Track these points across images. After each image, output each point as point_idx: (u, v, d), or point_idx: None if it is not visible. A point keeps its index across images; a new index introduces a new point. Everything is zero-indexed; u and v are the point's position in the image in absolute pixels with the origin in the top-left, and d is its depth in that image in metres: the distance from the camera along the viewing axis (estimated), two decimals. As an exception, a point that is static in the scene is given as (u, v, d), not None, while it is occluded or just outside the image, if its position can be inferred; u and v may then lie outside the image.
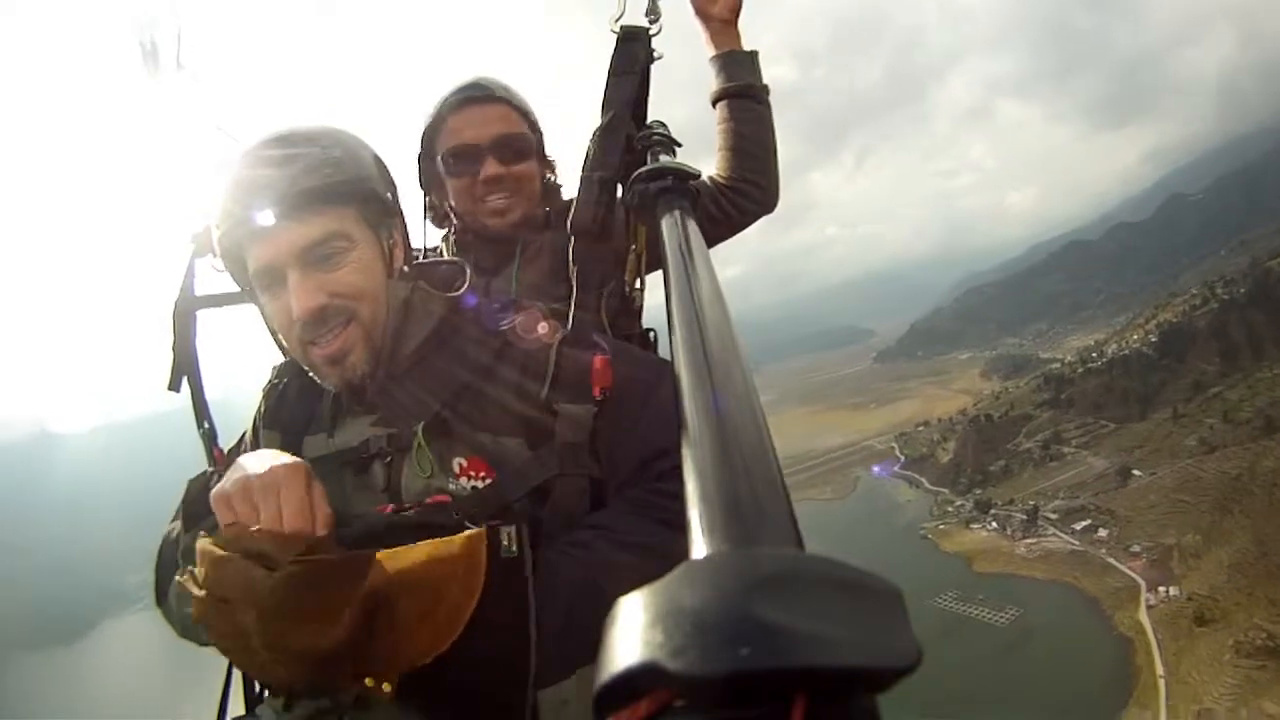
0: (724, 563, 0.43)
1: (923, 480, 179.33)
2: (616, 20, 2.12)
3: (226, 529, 1.38)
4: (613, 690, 0.37)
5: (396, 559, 1.33)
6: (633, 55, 2.08)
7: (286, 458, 1.47)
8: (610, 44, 2.18)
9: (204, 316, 2.06)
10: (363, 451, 1.66)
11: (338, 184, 1.61)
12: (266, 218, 1.57)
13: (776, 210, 2.66)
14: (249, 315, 2.06)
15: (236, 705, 1.68)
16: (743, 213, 2.55)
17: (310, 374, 1.76)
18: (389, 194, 1.75)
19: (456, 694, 1.32)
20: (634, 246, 2.05)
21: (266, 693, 1.61)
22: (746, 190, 2.52)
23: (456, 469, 1.60)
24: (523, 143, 2.38)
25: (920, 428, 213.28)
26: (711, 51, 2.56)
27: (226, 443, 1.97)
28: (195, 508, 1.59)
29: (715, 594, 0.38)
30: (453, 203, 2.46)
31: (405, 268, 1.77)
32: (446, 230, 2.56)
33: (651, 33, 2.14)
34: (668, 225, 1.29)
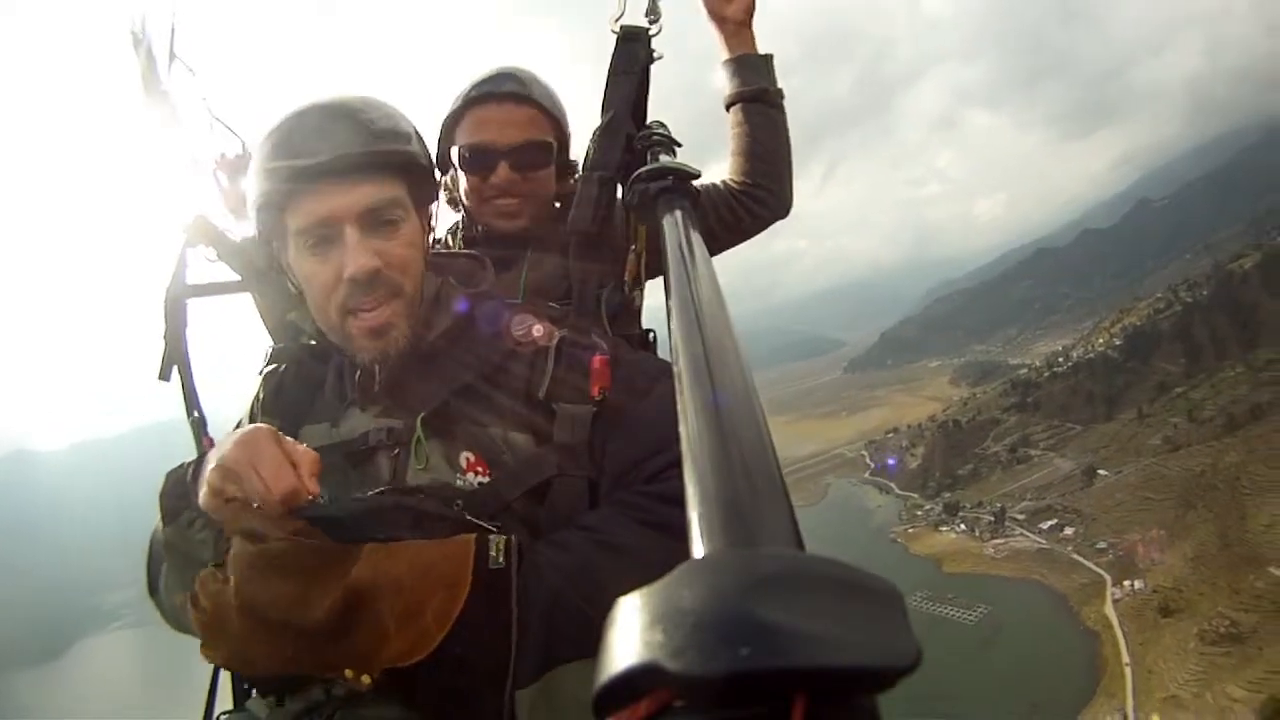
0: (724, 562, 0.44)
1: (892, 486, 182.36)
2: (616, 20, 2.12)
3: (226, 507, 1.37)
4: (613, 690, 0.37)
5: (384, 556, 1.33)
6: (633, 55, 2.08)
7: (248, 427, 1.45)
8: (610, 43, 2.20)
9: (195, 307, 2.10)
10: (366, 443, 1.66)
11: (401, 154, 1.63)
12: (333, 167, 1.54)
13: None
14: (240, 305, 2.16)
15: (225, 704, 1.71)
16: (755, 218, 2.55)
17: (314, 358, 1.83)
18: (432, 175, 1.79)
19: (434, 692, 1.32)
20: (634, 246, 2.05)
21: (255, 691, 1.64)
22: (760, 196, 2.52)
23: (464, 464, 1.60)
24: (542, 151, 2.36)
25: (890, 435, 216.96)
26: (725, 55, 2.56)
27: (217, 432, 1.98)
28: (172, 501, 1.57)
29: (715, 594, 0.38)
30: (462, 196, 2.47)
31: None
32: (454, 224, 2.60)
33: (651, 33, 2.15)
34: (668, 225, 1.28)
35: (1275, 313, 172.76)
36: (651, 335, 2.41)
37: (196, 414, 1.97)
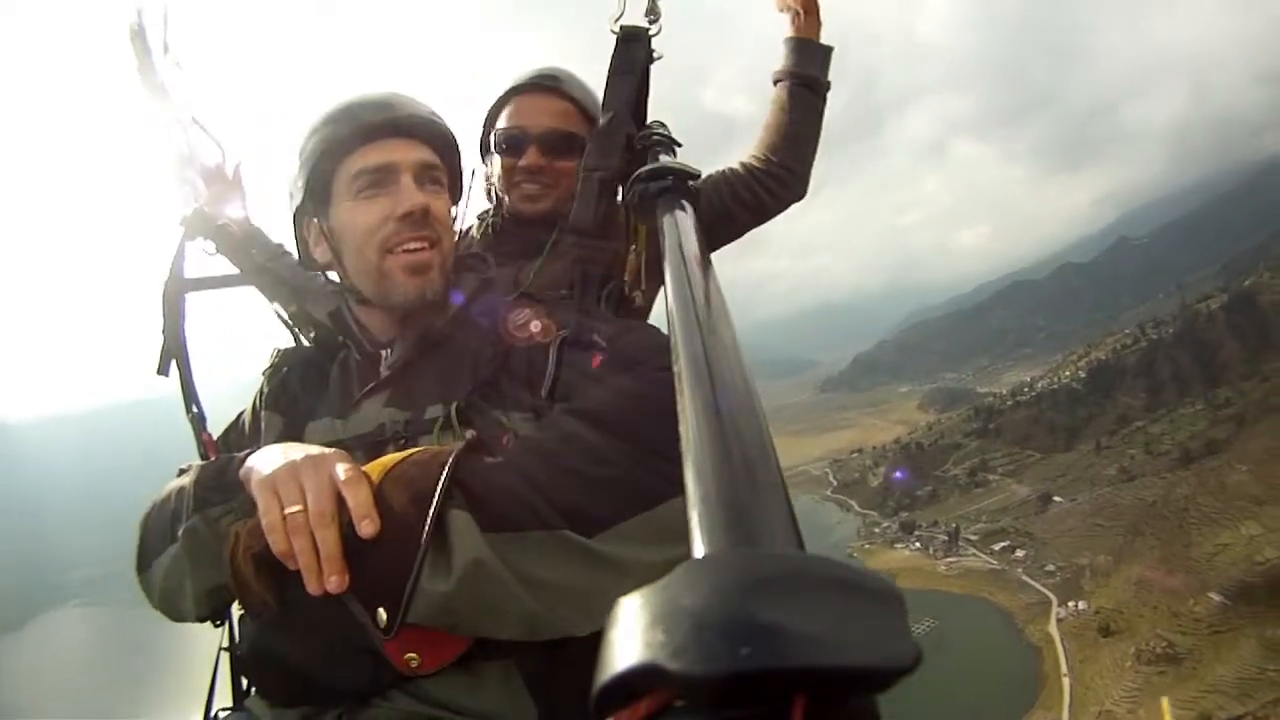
0: (724, 563, 0.44)
1: (853, 504, 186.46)
2: (616, 20, 2.13)
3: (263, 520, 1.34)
4: (613, 690, 0.38)
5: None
6: (632, 56, 2.10)
7: (328, 451, 1.44)
8: (599, 44, 2.19)
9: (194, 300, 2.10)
10: (378, 435, 1.66)
11: (450, 134, 1.82)
12: (400, 124, 1.71)
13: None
14: (244, 300, 2.21)
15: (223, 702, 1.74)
16: (776, 199, 2.61)
17: (319, 357, 1.94)
18: (460, 172, 1.93)
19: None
20: (634, 246, 2.05)
21: (254, 689, 1.70)
22: (783, 177, 2.58)
23: None
24: (570, 139, 2.47)
25: (854, 454, 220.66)
26: (790, 33, 2.62)
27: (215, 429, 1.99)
28: (205, 491, 1.53)
29: (715, 594, 0.39)
30: (495, 181, 2.60)
31: None
32: (484, 211, 2.70)
33: (651, 33, 2.15)
34: (668, 225, 1.30)
35: (1237, 353, 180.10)
36: None
37: (195, 409, 1.99)
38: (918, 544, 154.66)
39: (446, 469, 1.31)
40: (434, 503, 1.27)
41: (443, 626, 1.32)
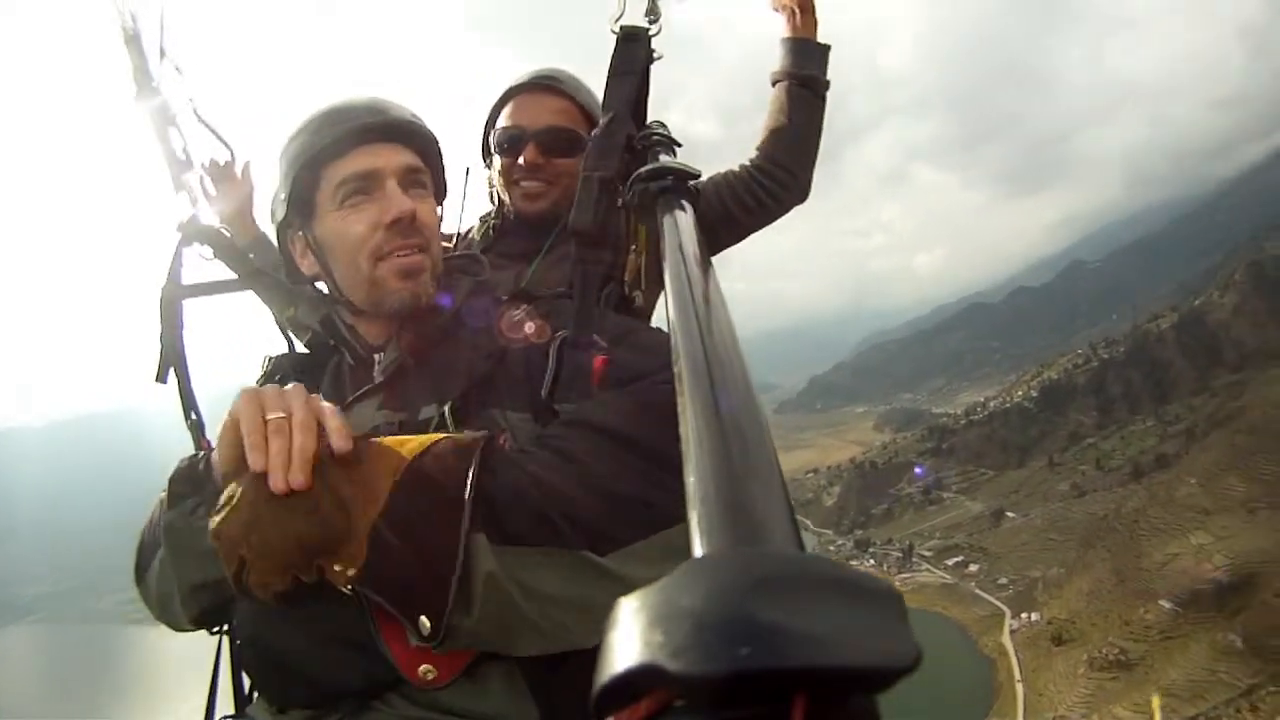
0: (724, 563, 0.44)
1: (808, 523, 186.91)
2: (616, 20, 2.11)
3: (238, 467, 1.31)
4: (613, 691, 0.38)
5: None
6: (633, 56, 2.09)
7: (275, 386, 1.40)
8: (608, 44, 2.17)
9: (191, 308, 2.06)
10: (378, 435, 1.59)
11: (433, 138, 1.81)
12: (382, 128, 1.70)
13: None
14: (241, 305, 2.21)
15: (226, 708, 1.72)
16: (778, 201, 2.60)
17: (312, 364, 1.93)
18: (444, 177, 1.93)
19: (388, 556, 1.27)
20: (634, 247, 2.09)
21: (256, 695, 1.69)
22: (783, 179, 2.58)
23: None
24: (569, 137, 2.50)
25: (809, 474, 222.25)
26: (787, 33, 2.63)
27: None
28: (180, 485, 1.52)
29: (715, 594, 0.39)
30: (496, 182, 2.62)
31: None
32: (486, 212, 2.73)
33: (651, 33, 2.14)
34: (668, 225, 1.31)
35: (1187, 370, 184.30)
36: None
37: (194, 416, 1.97)
38: (871, 561, 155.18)
39: (472, 475, 1.30)
40: (463, 532, 1.26)
41: (464, 648, 1.35)
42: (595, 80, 2.36)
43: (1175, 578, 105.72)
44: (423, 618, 1.25)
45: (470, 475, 1.30)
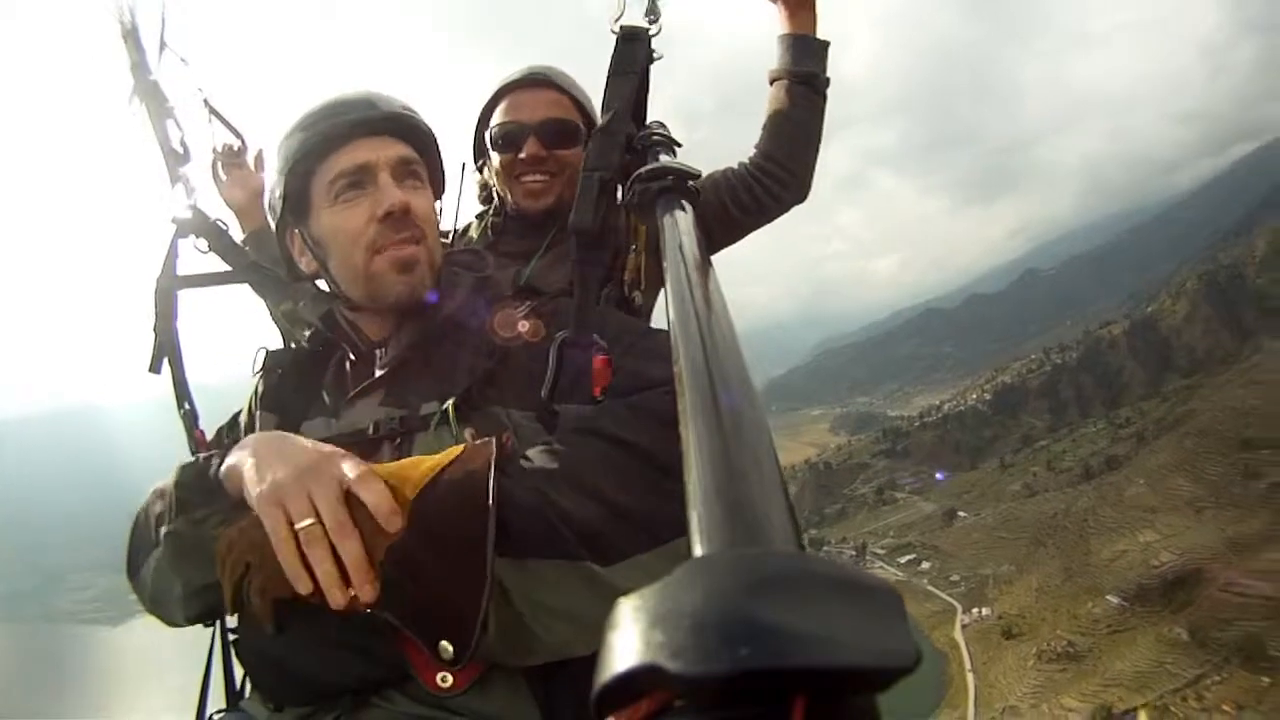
0: (724, 563, 0.45)
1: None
2: (616, 20, 2.10)
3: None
4: (612, 691, 0.38)
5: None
6: (632, 56, 2.08)
7: (325, 448, 1.42)
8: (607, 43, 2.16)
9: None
10: (377, 431, 1.66)
11: (428, 130, 1.81)
12: (375, 122, 1.70)
13: None
14: (235, 298, 2.23)
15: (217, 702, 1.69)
16: (776, 200, 2.58)
17: (311, 359, 1.93)
18: (443, 171, 1.93)
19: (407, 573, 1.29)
20: (634, 247, 2.10)
21: (249, 689, 1.68)
22: (783, 178, 2.56)
23: None
24: (568, 128, 2.50)
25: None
26: (784, 30, 2.58)
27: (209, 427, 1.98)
28: (187, 493, 1.53)
29: (715, 594, 0.39)
30: (494, 180, 2.61)
31: None
32: (482, 210, 2.73)
33: (651, 33, 2.14)
34: (668, 225, 1.31)
35: (1138, 375, 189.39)
36: None
37: (188, 406, 2.00)
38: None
39: (491, 493, 1.28)
40: (489, 567, 1.25)
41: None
42: (584, 84, 2.54)
43: (1123, 573, 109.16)
44: (444, 643, 1.25)
45: (490, 505, 1.28)
